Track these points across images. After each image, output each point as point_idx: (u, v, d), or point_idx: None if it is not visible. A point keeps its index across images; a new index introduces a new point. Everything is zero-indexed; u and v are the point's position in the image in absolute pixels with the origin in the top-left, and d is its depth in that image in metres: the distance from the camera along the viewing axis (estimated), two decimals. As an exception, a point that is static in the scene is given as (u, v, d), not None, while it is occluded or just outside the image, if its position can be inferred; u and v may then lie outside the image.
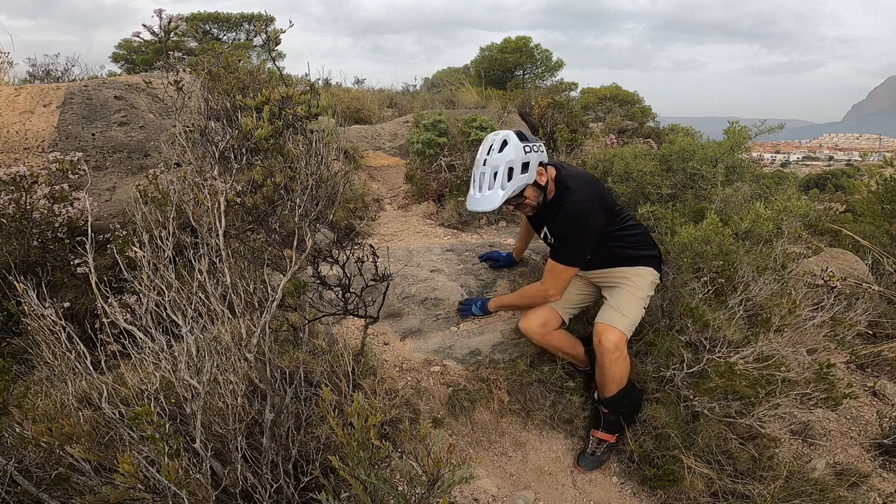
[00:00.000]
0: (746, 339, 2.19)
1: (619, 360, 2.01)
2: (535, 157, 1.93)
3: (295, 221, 1.86)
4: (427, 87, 9.69)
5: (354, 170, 4.00)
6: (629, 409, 2.11)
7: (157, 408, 1.19)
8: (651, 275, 2.14)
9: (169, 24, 2.95)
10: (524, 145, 1.90)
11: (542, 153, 1.96)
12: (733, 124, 3.17)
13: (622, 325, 2.01)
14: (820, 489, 1.89)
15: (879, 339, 2.91)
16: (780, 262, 2.48)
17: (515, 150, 1.89)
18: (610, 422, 2.12)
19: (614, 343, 1.98)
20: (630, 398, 2.09)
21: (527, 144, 1.91)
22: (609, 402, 2.08)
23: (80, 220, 2.44)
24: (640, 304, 2.09)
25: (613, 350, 1.98)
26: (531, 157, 1.92)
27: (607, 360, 2.00)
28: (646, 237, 2.20)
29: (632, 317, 2.05)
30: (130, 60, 10.24)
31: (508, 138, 1.92)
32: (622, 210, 2.20)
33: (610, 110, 7.73)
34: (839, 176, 18.60)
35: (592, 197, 1.99)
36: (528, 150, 1.91)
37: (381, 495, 1.18)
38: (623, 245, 2.11)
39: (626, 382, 2.05)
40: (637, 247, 2.14)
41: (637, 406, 2.14)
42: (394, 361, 2.20)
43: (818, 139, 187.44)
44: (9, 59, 4.21)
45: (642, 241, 2.17)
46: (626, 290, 2.09)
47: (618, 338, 1.99)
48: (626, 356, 2.04)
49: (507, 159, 1.89)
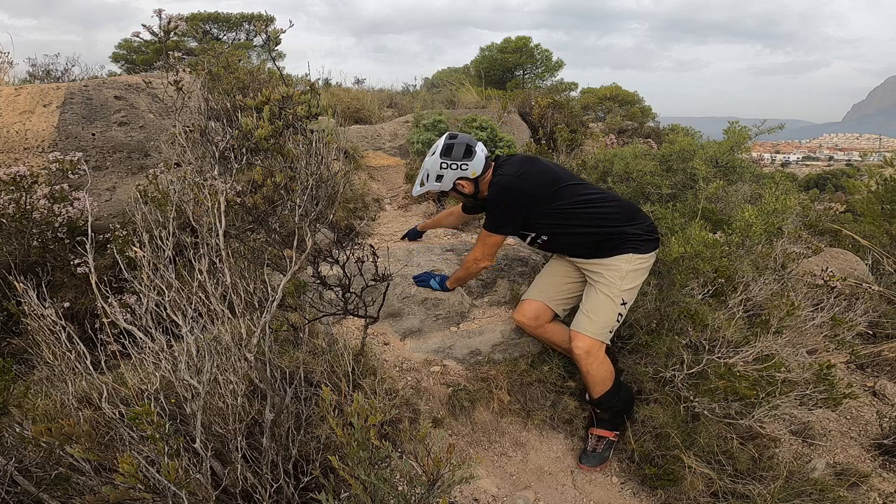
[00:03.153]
0: (746, 340, 2.18)
1: (596, 364, 2.02)
2: (451, 174, 2.16)
3: (295, 221, 1.86)
4: (427, 87, 9.69)
5: (354, 170, 4.00)
6: (620, 408, 2.13)
7: (157, 408, 1.19)
8: (629, 262, 2.04)
9: (169, 24, 2.94)
10: (441, 161, 2.15)
11: (464, 171, 2.14)
12: (733, 124, 3.17)
13: (592, 331, 2.02)
14: (820, 489, 1.89)
15: (879, 339, 2.91)
16: (780, 262, 2.48)
17: (433, 162, 2.18)
18: (605, 420, 2.14)
19: (585, 349, 2.01)
20: (619, 397, 2.10)
21: (445, 161, 2.15)
22: (598, 403, 2.10)
23: (80, 220, 2.44)
24: (614, 302, 2.03)
25: (586, 356, 2.01)
26: (446, 173, 2.16)
27: (584, 366, 2.04)
28: (622, 212, 2.11)
29: (603, 319, 2.03)
30: (130, 60, 10.24)
31: (437, 149, 2.18)
32: (582, 184, 2.16)
33: (610, 110, 7.73)
34: (839, 176, 18.60)
35: (512, 172, 2.10)
36: (445, 167, 2.16)
37: (381, 495, 1.18)
38: (586, 224, 2.07)
39: (612, 384, 2.06)
40: (607, 224, 2.07)
41: (628, 403, 2.15)
42: (394, 361, 2.20)
43: (818, 139, 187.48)
44: (9, 59, 4.20)
45: (616, 216, 2.08)
46: (598, 290, 2.06)
47: (588, 344, 2.01)
48: (604, 359, 2.05)
49: (426, 167, 2.22)
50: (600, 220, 2.08)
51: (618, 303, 2.04)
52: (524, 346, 2.35)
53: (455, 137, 2.18)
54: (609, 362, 2.08)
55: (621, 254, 2.05)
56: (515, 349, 2.33)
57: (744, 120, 3.23)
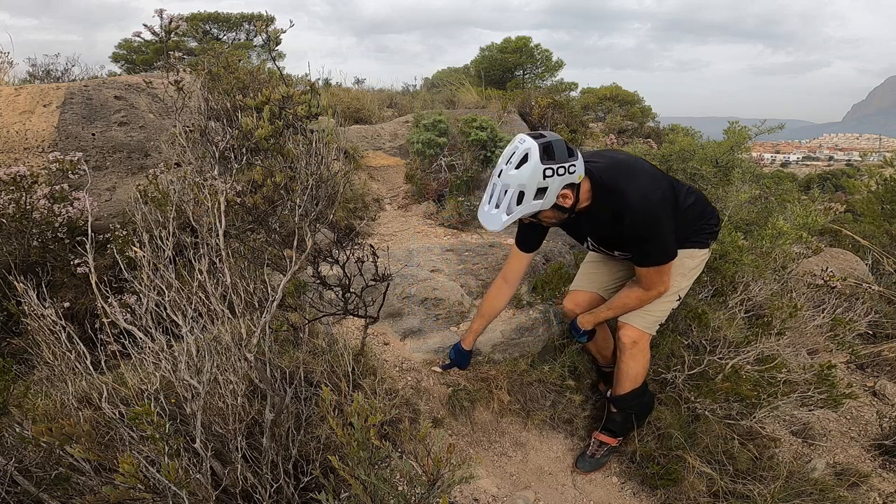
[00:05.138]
0: (747, 340, 2.19)
1: (637, 356, 1.98)
2: (558, 182, 1.60)
3: (295, 221, 1.86)
4: (427, 87, 9.69)
5: (354, 170, 4.00)
6: (638, 412, 2.09)
7: (157, 408, 1.19)
8: (692, 257, 1.92)
9: (169, 24, 2.95)
10: (545, 168, 1.57)
11: (570, 175, 1.62)
12: (733, 124, 3.17)
13: (643, 324, 1.96)
14: (820, 489, 1.89)
15: (879, 339, 2.91)
16: (781, 263, 2.48)
17: (532, 172, 1.57)
18: (615, 422, 2.10)
19: (633, 339, 1.96)
20: (641, 400, 2.06)
21: (549, 167, 1.57)
22: (619, 400, 2.06)
23: (80, 220, 2.44)
24: (671, 298, 1.94)
25: (632, 346, 1.97)
26: (551, 183, 1.59)
27: (625, 357, 1.98)
28: (701, 207, 1.92)
29: (656, 315, 1.96)
30: (130, 60, 10.23)
31: (530, 154, 1.58)
32: (674, 182, 1.91)
33: (610, 110, 7.73)
34: (839, 176, 18.60)
35: (654, 189, 1.72)
36: (550, 174, 1.58)
37: (381, 495, 1.18)
38: (680, 226, 1.83)
39: (642, 383, 2.03)
40: (691, 224, 1.88)
41: (646, 410, 2.11)
42: (394, 361, 2.20)
43: (818, 139, 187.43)
44: (9, 59, 4.20)
45: (698, 215, 1.90)
46: None
47: (637, 335, 1.96)
48: (646, 353, 2.00)
49: (519, 182, 1.59)
50: (693, 218, 1.88)
51: (674, 299, 1.96)
52: (524, 346, 2.34)
53: (542, 136, 1.62)
54: (648, 357, 2.03)
55: (689, 248, 1.91)
56: (515, 349, 2.32)
57: (744, 120, 3.23)
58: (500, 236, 3.17)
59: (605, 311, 1.97)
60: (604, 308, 1.98)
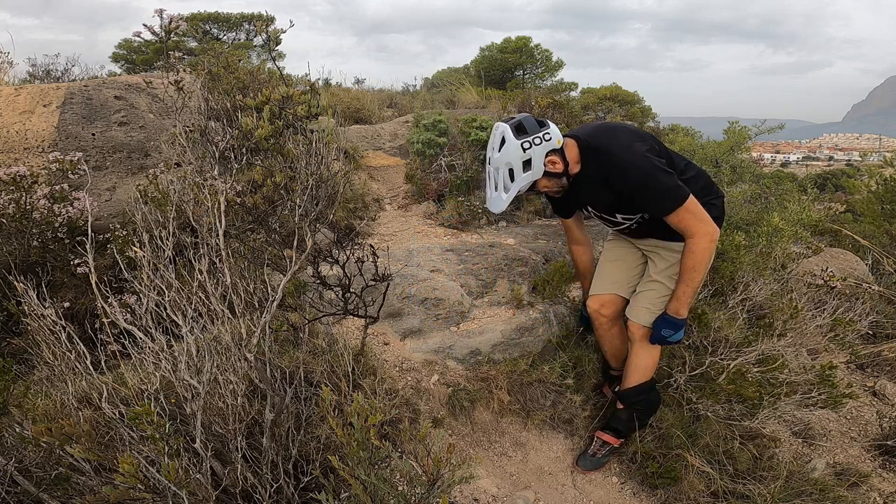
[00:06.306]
0: (748, 341, 2.18)
1: (648, 348, 2.01)
2: (539, 151, 1.76)
3: (295, 221, 1.86)
4: (427, 86, 9.69)
5: (354, 170, 4.00)
6: (643, 409, 2.09)
7: (157, 408, 1.19)
8: None
9: (169, 24, 2.94)
10: (522, 141, 1.75)
11: (548, 143, 1.77)
12: (733, 124, 3.17)
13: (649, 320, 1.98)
14: (820, 489, 1.89)
15: (879, 339, 2.91)
16: (780, 262, 2.48)
17: (513, 148, 1.75)
18: (620, 420, 2.11)
19: (644, 334, 2.00)
20: (647, 397, 2.07)
21: (525, 139, 1.75)
22: (626, 395, 2.07)
23: (80, 220, 2.44)
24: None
25: (644, 339, 2.00)
26: (532, 153, 1.76)
27: (636, 347, 2.03)
28: (704, 181, 1.90)
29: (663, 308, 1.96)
30: (130, 60, 10.23)
31: (506, 135, 1.77)
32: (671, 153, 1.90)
33: (610, 110, 7.73)
34: (839, 176, 18.59)
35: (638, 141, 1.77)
36: (528, 146, 1.75)
37: (381, 495, 1.18)
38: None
39: (650, 378, 2.05)
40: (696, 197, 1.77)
41: (651, 408, 2.12)
42: (394, 361, 2.20)
43: (818, 139, 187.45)
44: (9, 59, 4.20)
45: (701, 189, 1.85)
46: (664, 284, 1.96)
47: (647, 333, 1.99)
48: (657, 347, 2.03)
49: (506, 161, 1.78)
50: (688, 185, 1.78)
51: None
52: (524, 346, 2.34)
53: (512, 118, 1.81)
54: (658, 352, 2.06)
55: None
56: (515, 349, 2.32)
57: (744, 120, 3.23)
58: (499, 236, 3.17)
59: (682, 287, 1.82)
60: (679, 287, 1.83)
